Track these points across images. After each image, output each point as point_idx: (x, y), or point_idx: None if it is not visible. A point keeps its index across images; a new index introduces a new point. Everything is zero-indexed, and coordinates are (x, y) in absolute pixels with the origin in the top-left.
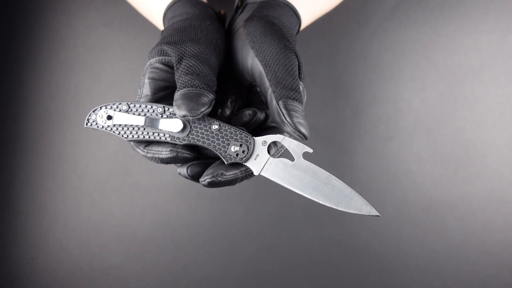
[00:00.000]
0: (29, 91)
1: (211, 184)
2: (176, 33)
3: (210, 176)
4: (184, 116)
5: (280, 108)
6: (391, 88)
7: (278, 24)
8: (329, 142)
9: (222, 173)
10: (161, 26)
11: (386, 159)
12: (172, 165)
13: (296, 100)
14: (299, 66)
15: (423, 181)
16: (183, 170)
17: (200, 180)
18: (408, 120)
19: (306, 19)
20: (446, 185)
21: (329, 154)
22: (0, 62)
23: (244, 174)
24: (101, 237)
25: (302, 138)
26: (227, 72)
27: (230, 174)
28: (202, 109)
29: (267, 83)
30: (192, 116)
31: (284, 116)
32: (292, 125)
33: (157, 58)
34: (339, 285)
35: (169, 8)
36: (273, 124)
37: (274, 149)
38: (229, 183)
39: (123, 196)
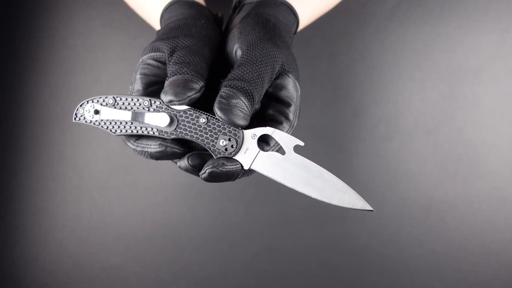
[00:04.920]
0: (29, 91)
1: (211, 176)
2: (170, 31)
3: (210, 167)
4: (170, 101)
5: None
6: (391, 88)
7: (274, 21)
8: (329, 142)
9: (223, 163)
10: (158, 28)
11: (386, 159)
12: (172, 165)
13: (240, 90)
14: (285, 63)
15: (423, 181)
16: (184, 162)
17: (200, 173)
18: (408, 120)
19: (305, 18)
20: (446, 185)
21: (329, 154)
22: (0, 62)
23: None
24: (101, 237)
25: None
26: (222, 70)
27: (231, 165)
28: (189, 94)
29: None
30: (178, 101)
31: (215, 100)
32: (215, 111)
33: (149, 54)
34: (339, 285)
35: (166, 9)
36: (270, 117)
37: (269, 147)
38: (230, 176)
39: (123, 196)
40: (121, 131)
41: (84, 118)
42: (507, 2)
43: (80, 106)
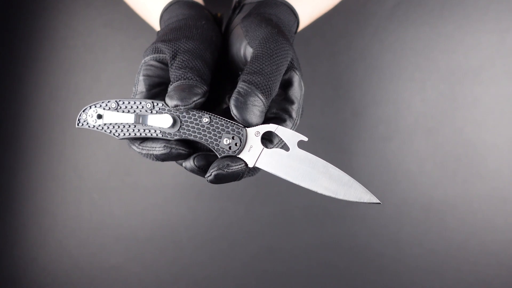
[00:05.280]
0: (29, 91)
1: (217, 178)
2: (171, 32)
3: (216, 169)
4: (176, 106)
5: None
6: (391, 88)
7: (276, 20)
8: (329, 142)
9: (228, 165)
10: (158, 28)
11: (386, 159)
12: (173, 165)
13: (258, 86)
14: (292, 58)
15: (423, 181)
16: (189, 162)
17: (205, 176)
18: (408, 120)
19: (305, 19)
20: (446, 185)
21: (329, 154)
22: (0, 62)
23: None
24: (101, 237)
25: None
26: (223, 71)
27: (236, 165)
28: (194, 99)
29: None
30: (184, 105)
31: (231, 97)
32: (231, 108)
33: (151, 56)
34: (339, 285)
35: (166, 10)
36: (273, 115)
37: (272, 145)
38: (235, 177)
39: (123, 196)
40: (124, 134)
41: (87, 123)
42: (507, 2)
43: (83, 111)
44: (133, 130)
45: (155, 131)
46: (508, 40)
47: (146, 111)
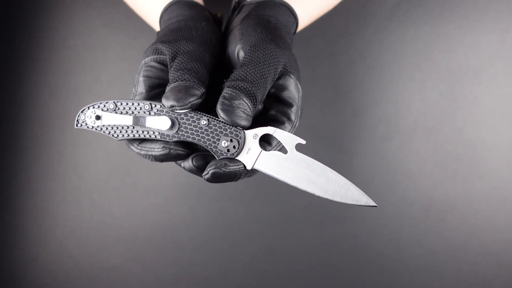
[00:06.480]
0: (29, 90)
1: (214, 176)
2: (171, 33)
3: (213, 167)
4: (171, 106)
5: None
6: (391, 88)
7: (274, 22)
8: (329, 142)
9: (225, 164)
10: (158, 28)
11: (386, 159)
12: (172, 165)
13: (242, 91)
14: (287, 64)
15: (423, 181)
16: (188, 163)
17: (203, 174)
18: (408, 120)
19: (304, 19)
20: (446, 185)
21: (329, 154)
22: (0, 62)
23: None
24: (101, 237)
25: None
26: (223, 72)
27: (234, 165)
28: (191, 100)
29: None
30: (180, 106)
31: (218, 101)
32: (218, 112)
33: (151, 57)
34: (339, 285)
35: (166, 10)
36: (272, 118)
37: (271, 147)
38: (233, 177)
39: (123, 196)
40: (123, 135)
41: (86, 124)
42: (507, 2)
43: (81, 112)
44: (132, 132)
45: (154, 133)
46: (508, 40)
47: (144, 112)
